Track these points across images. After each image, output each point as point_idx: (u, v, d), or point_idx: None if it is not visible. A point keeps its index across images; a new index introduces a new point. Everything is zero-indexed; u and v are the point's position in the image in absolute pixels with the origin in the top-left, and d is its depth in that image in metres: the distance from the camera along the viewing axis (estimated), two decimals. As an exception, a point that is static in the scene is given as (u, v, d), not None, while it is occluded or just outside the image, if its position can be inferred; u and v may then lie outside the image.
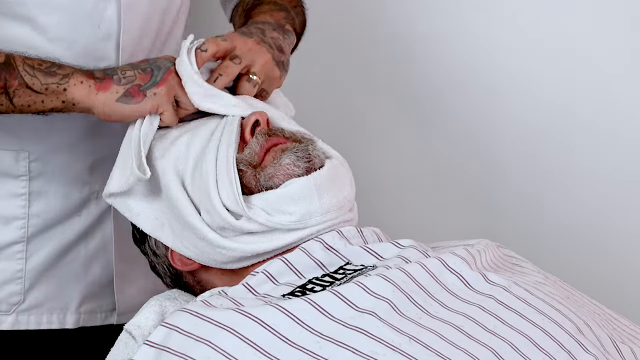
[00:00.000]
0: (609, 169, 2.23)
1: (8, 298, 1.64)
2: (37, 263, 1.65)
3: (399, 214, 2.28)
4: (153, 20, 1.63)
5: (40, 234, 1.64)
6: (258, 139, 1.47)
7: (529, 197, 2.26)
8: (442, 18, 2.24)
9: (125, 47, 1.60)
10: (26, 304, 1.65)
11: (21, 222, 1.63)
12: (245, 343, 1.24)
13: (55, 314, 1.67)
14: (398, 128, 2.28)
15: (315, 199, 1.43)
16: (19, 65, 1.47)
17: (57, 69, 1.47)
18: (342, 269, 1.37)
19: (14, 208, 1.62)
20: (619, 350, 1.33)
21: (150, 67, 1.49)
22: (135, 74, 1.48)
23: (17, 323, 1.65)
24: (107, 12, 1.57)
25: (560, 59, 2.21)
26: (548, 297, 1.34)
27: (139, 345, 1.34)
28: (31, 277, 1.65)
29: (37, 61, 1.47)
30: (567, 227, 2.25)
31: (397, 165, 2.29)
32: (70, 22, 1.55)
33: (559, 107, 2.23)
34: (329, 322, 1.26)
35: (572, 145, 2.24)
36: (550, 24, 2.21)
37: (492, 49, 2.23)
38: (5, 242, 1.63)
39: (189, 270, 1.49)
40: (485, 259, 1.42)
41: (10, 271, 1.64)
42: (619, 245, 2.24)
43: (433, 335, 1.24)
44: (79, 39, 1.57)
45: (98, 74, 1.48)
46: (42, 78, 1.47)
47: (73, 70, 1.48)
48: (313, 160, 1.46)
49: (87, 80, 1.47)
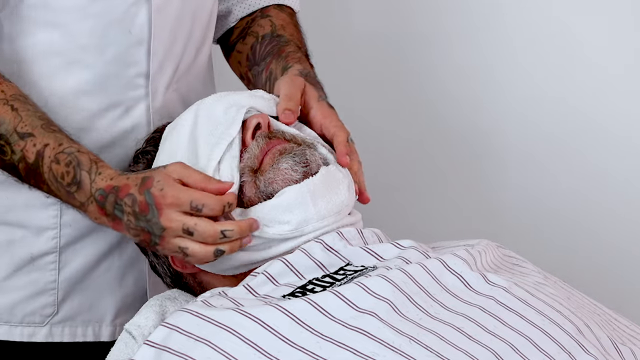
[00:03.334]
0: (609, 168, 2.23)
1: (41, 309, 1.62)
2: (70, 274, 1.62)
3: (399, 214, 2.28)
4: (184, 25, 1.62)
5: (73, 244, 1.62)
6: (258, 142, 1.47)
7: (529, 197, 2.26)
8: (443, 17, 2.24)
9: (156, 53, 1.58)
10: (60, 315, 1.63)
11: (53, 232, 1.61)
12: (245, 343, 1.24)
13: (90, 326, 1.64)
14: (398, 128, 2.29)
15: (309, 205, 1.42)
16: (45, 172, 1.46)
17: (75, 190, 1.44)
18: (342, 269, 1.37)
19: (46, 218, 1.60)
20: (619, 352, 1.33)
21: (147, 228, 1.40)
22: (139, 229, 1.41)
23: (50, 335, 1.63)
24: (139, 17, 1.56)
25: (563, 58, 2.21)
26: (548, 298, 1.34)
27: (139, 345, 1.34)
28: (64, 288, 1.62)
29: (61, 170, 1.44)
30: (568, 227, 2.25)
31: (397, 166, 2.29)
32: (103, 28, 1.54)
33: (559, 107, 2.23)
34: (330, 323, 1.26)
35: (573, 145, 2.24)
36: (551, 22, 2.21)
37: (492, 49, 2.23)
38: (38, 253, 1.61)
39: (189, 272, 1.49)
40: (485, 259, 1.41)
41: (43, 282, 1.62)
42: (619, 245, 2.24)
43: (433, 336, 1.24)
44: (110, 46, 1.55)
45: (108, 208, 1.42)
46: (65, 196, 1.46)
47: (88, 197, 1.43)
48: (310, 165, 1.45)
49: (100, 218, 1.44)
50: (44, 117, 1.48)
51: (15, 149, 1.46)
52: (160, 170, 1.41)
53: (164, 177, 1.40)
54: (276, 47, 1.68)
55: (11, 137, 1.46)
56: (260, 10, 1.74)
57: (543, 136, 2.24)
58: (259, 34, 1.71)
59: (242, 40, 1.74)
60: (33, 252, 1.61)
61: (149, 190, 1.39)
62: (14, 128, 1.46)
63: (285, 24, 1.72)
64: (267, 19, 1.73)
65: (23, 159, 1.46)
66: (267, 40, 1.70)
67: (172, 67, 1.62)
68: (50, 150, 1.45)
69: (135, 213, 1.40)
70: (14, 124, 1.46)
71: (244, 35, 1.73)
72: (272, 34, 1.70)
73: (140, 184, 1.40)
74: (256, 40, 1.71)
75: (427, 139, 2.29)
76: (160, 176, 1.40)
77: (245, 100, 1.50)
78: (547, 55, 2.21)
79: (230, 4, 1.75)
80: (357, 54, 2.26)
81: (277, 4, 1.76)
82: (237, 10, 1.75)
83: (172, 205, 1.38)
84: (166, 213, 1.38)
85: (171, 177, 1.40)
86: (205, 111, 1.50)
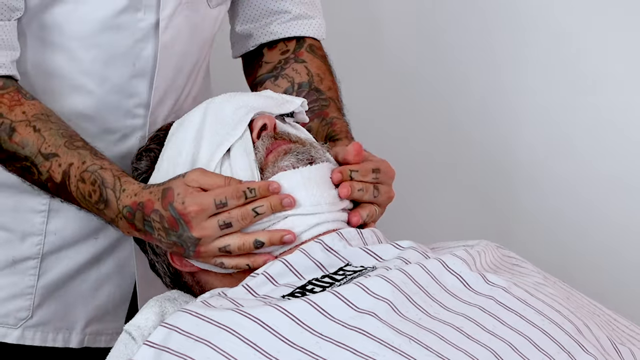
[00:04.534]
0: (608, 168, 2.23)
1: (16, 312, 1.64)
2: (48, 281, 1.64)
3: (398, 215, 2.28)
4: (189, 59, 1.62)
5: (56, 252, 1.64)
6: (264, 141, 1.47)
7: (529, 197, 2.26)
8: (443, 17, 2.24)
9: (158, 87, 1.59)
10: (34, 320, 1.65)
11: (37, 239, 1.63)
12: (245, 343, 1.24)
13: (60, 333, 1.66)
14: (397, 128, 2.29)
15: (301, 189, 1.42)
16: (73, 191, 1.46)
17: (103, 208, 1.45)
18: (341, 270, 1.37)
19: (32, 224, 1.62)
20: (619, 352, 1.33)
21: (179, 242, 1.41)
22: (171, 243, 1.42)
23: (22, 338, 1.65)
24: (145, 52, 1.57)
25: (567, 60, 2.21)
26: (548, 298, 1.34)
27: (139, 345, 1.34)
28: (41, 294, 1.64)
29: (88, 189, 1.45)
30: (568, 227, 2.25)
31: (396, 166, 2.29)
32: (106, 59, 1.55)
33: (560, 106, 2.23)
34: (329, 323, 1.26)
35: (573, 144, 2.24)
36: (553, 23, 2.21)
37: (493, 48, 2.23)
38: (20, 257, 1.63)
39: (188, 271, 1.49)
40: (485, 259, 1.41)
41: (22, 286, 1.64)
42: (618, 245, 2.24)
43: (433, 336, 1.24)
44: (111, 76, 1.56)
45: (138, 225, 1.43)
46: (94, 212, 1.47)
47: (117, 214, 1.44)
48: (315, 161, 1.46)
49: (132, 232, 1.45)
50: (66, 134, 1.48)
51: (41, 170, 1.47)
52: (179, 179, 1.41)
53: (183, 188, 1.40)
54: (317, 106, 1.66)
55: (36, 159, 1.47)
56: (293, 53, 1.72)
57: (542, 137, 2.24)
58: (294, 80, 1.69)
59: (274, 81, 1.71)
60: (15, 256, 1.63)
61: (172, 205, 1.39)
62: (38, 149, 1.47)
63: (321, 73, 1.70)
64: (302, 64, 1.70)
65: (50, 179, 1.47)
66: (305, 92, 1.68)
67: (174, 98, 1.64)
68: (75, 169, 1.46)
69: (166, 229, 1.40)
70: (38, 145, 1.47)
71: (277, 75, 1.71)
72: (310, 85, 1.68)
73: (162, 197, 1.40)
74: (291, 86, 1.69)
75: (426, 139, 2.29)
76: (179, 187, 1.40)
77: (255, 101, 1.50)
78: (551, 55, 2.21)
79: (251, 26, 1.73)
80: (356, 54, 2.26)
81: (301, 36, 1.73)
82: (258, 36, 1.73)
83: (199, 213, 1.38)
84: (196, 223, 1.39)
85: (190, 186, 1.40)
86: (214, 110, 1.50)
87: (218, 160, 1.45)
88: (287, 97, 1.53)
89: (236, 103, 1.50)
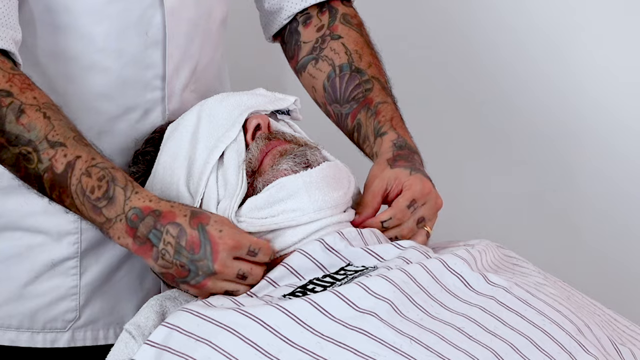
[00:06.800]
0: (608, 169, 2.23)
1: (63, 315, 1.61)
2: (91, 278, 1.61)
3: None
4: (200, 27, 1.61)
5: (94, 248, 1.61)
6: (258, 143, 1.47)
7: (529, 197, 2.26)
8: (443, 16, 2.24)
9: (172, 55, 1.58)
10: (82, 320, 1.62)
11: (74, 237, 1.60)
12: (246, 343, 1.24)
13: (111, 329, 1.64)
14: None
15: (304, 196, 1.42)
16: (72, 183, 1.42)
17: (104, 205, 1.41)
18: (342, 270, 1.37)
19: (66, 223, 1.59)
20: (619, 352, 1.33)
21: (188, 265, 1.38)
22: (174, 262, 1.38)
23: (73, 340, 1.62)
24: (155, 19, 1.56)
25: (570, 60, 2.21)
26: (549, 298, 1.34)
27: (140, 345, 1.34)
28: (86, 293, 1.62)
29: (93, 184, 1.41)
30: (568, 227, 2.25)
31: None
32: (119, 30, 1.54)
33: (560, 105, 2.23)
34: (330, 323, 1.26)
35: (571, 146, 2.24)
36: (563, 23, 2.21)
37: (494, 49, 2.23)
38: (59, 258, 1.60)
39: None
40: (486, 259, 1.41)
41: (65, 288, 1.61)
42: (619, 245, 2.24)
43: (434, 336, 1.24)
44: (127, 48, 1.55)
45: (142, 229, 1.39)
46: (89, 211, 1.42)
47: (119, 214, 1.40)
48: (312, 165, 1.46)
49: (125, 238, 1.40)
50: (75, 130, 1.45)
51: (42, 157, 1.43)
52: (212, 213, 1.40)
53: (220, 219, 1.38)
54: (361, 92, 1.64)
55: (40, 145, 1.43)
56: (329, 29, 1.69)
57: (541, 136, 2.24)
58: (334, 63, 1.66)
59: (315, 64, 1.68)
60: (54, 258, 1.60)
61: (205, 228, 1.37)
62: (44, 135, 1.43)
63: (359, 49, 1.67)
64: (339, 42, 1.67)
65: (50, 168, 1.43)
66: (348, 75, 1.65)
67: (189, 69, 1.62)
68: (82, 162, 1.42)
69: (179, 246, 1.37)
70: (46, 131, 1.43)
71: (317, 57, 1.68)
72: (350, 66, 1.65)
73: (191, 217, 1.37)
74: (332, 71, 1.66)
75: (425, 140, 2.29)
76: (216, 216, 1.38)
77: (248, 100, 1.50)
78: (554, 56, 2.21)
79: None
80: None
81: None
82: (289, 7, 1.70)
83: (232, 249, 1.36)
84: (222, 257, 1.36)
85: (227, 220, 1.39)
86: (208, 112, 1.50)
87: (214, 164, 1.45)
88: (280, 95, 1.53)
89: (229, 103, 1.50)
